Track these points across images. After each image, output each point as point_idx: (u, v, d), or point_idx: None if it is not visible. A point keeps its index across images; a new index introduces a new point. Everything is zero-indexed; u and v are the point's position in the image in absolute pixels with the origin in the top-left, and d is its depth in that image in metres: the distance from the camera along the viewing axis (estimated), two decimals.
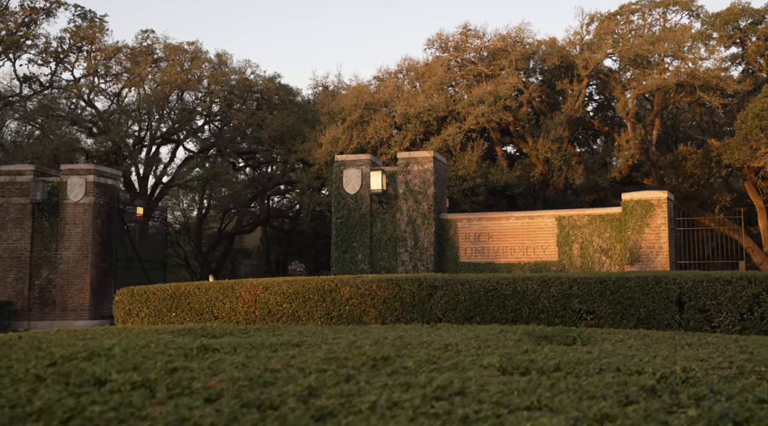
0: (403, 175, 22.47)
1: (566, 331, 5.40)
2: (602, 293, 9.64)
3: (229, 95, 34.75)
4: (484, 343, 4.42)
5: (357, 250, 22.66)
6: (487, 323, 9.62)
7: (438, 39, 33.23)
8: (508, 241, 22.16)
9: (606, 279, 9.78)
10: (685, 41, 32.08)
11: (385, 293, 10.30)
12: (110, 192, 23.86)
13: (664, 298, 9.42)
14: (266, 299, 10.74)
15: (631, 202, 20.87)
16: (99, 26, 33.81)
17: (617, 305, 9.56)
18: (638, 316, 9.49)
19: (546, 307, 9.87)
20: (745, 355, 3.91)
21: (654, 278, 9.58)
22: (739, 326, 8.84)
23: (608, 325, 9.30)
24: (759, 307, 8.89)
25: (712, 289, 9.13)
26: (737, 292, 9.00)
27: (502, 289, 10.12)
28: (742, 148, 29.58)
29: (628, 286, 9.57)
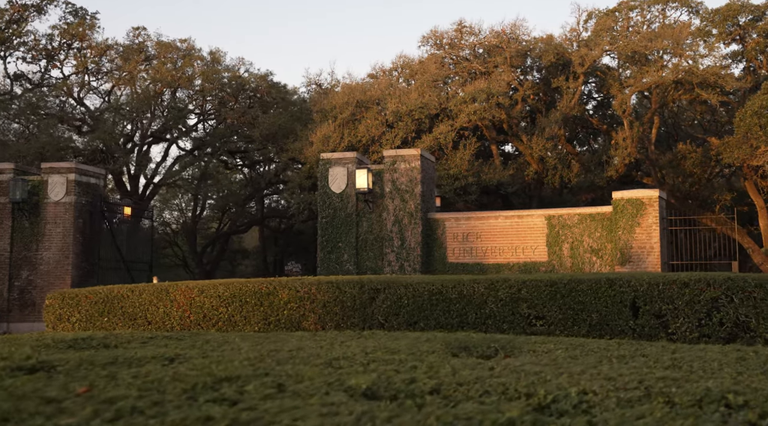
0: (390, 174, 21.97)
1: (491, 339, 4.89)
2: (552, 297, 9.05)
3: (221, 93, 34.31)
4: (386, 356, 3.94)
5: (342, 250, 22.18)
6: (431, 329, 9.04)
7: (432, 36, 32.72)
8: (497, 241, 21.65)
9: (557, 282, 9.20)
10: (684, 38, 31.50)
11: (325, 297, 9.73)
12: (93, 191, 23.42)
13: (618, 302, 8.82)
14: (201, 303, 10.15)
15: (621, 200, 20.34)
16: (89, 23, 33.41)
17: (568, 310, 8.96)
18: (590, 322, 8.90)
19: (494, 312, 9.28)
20: (669, 371, 3.44)
21: (607, 281, 8.97)
22: (696, 333, 8.25)
23: (559, 332, 8.74)
24: (718, 313, 8.30)
25: (668, 293, 8.53)
26: (695, 296, 8.40)
27: (448, 292, 9.49)
28: (741, 147, 29.00)
29: (579, 289, 8.96)
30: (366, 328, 9.29)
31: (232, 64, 36.03)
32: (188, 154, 35.93)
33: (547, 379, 3.13)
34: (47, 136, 28.82)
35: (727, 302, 8.24)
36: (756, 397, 2.79)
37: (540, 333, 8.71)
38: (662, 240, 20.04)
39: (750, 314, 8.08)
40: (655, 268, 19.77)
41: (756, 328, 8.05)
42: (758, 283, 8.20)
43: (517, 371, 3.38)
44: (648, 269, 19.81)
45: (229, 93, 34.41)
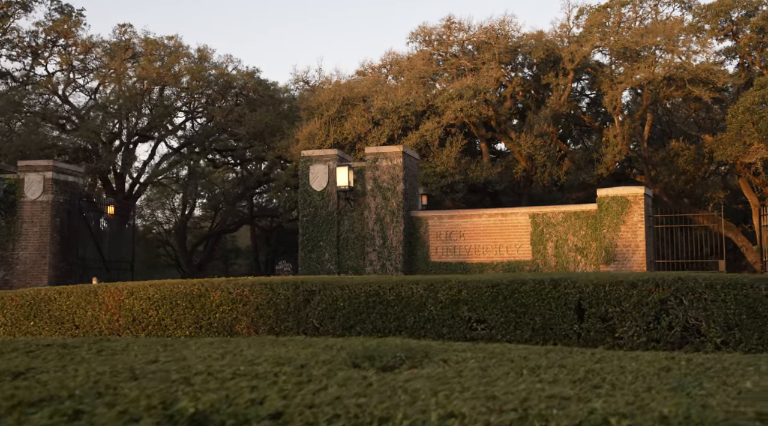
0: (372, 171, 21.56)
1: (406, 347, 4.45)
2: (494, 299, 8.52)
3: (208, 91, 33.92)
4: (270, 368, 3.52)
5: (323, 249, 21.78)
6: (367, 334, 8.53)
7: (421, 32, 32.30)
8: (481, 239, 21.25)
9: (499, 283, 8.65)
10: (676, 34, 31.06)
11: (258, 299, 9.21)
12: (71, 189, 23.04)
13: (562, 304, 8.29)
14: (131, 306, 9.62)
15: (606, 198, 19.94)
16: (75, 20, 33.00)
17: (510, 313, 8.45)
18: (533, 326, 8.39)
19: (433, 315, 8.75)
20: (570, 387, 3.04)
21: (551, 281, 8.44)
22: (644, 337, 7.75)
23: (500, 337, 8.22)
24: (667, 315, 7.74)
25: (615, 295, 8.00)
26: (643, 297, 7.88)
27: (385, 294, 8.95)
28: (734, 144, 28.59)
29: (522, 290, 8.44)
30: (300, 332, 8.80)
31: (220, 62, 35.65)
32: (175, 152, 35.55)
33: (419, 399, 2.74)
34: (29, 134, 28.42)
35: (677, 304, 7.73)
36: (644, 420, 2.40)
37: (481, 338, 8.20)
38: (648, 238, 19.64)
39: (700, 317, 7.60)
40: (641, 267, 19.37)
41: (706, 332, 7.60)
42: (709, 283, 7.70)
43: (395, 388, 2.99)
44: (633, 268, 19.41)
45: (216, 91, 34.02)
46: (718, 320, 7.53)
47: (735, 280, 7.64)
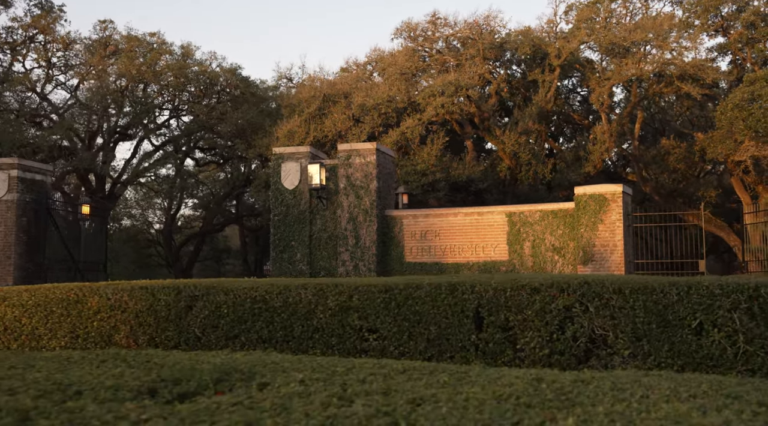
0: (344, 169, 20.95)
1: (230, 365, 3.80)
2: (387, 306, 7.71)
3: (190, 88, 33.32)
4: (31, 401, 2.93)
5: (295, 249, 21.17)
6: (252, 344, 7.79)
7: (406, 28, 31.66)
8: (457, 239, 20.63)
9: (392, 288, 7.83)
10: (666, 30, 30.41)
11: (138, 305, 8.44)
12: (39, 188, 22.46)
13: (459, 312, 7.49)
14: (3, 313, 8.88)
15: (584, 196, 19.30)
16: (54, 16, 32.40)
17: (404, 322, 7.65)
18: (428, 336, 7.58)
19: (322, 324, 7.95)
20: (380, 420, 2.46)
21: (448, 286, 7.59)
22: (547, 350, 6.93)
23: (393, 348, 7.50)
24: (572, 324, 6.93)
25: (516, 300, 7.18)
26: (546, 304, 7.06)
27: (272, 300, 8.13)
28: (725, 142, 27.97)
29: (416, 296, 7.63)
30: (182, 342, 8.05)
31: (204, 59, 35.05)
32: (157, 150, 34.95)
33: None
34: (3, 132, 27.83)
35: (582, 312, 6.93)
36: None
37: (372, 349, 7.53)
38: (626, 237, 19.01)
39: (607, 326, 6.81)
40: (619, 268, 18.76)
41: (614, 343, 6.80)
42: (617, 288, 6.87)
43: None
44: (611, 268, 18.80)
45: (199, 88, 33.43)
46: (626, 330, 6.79)
47: (644, 284, 6.87)
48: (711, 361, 6.50)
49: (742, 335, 6.37)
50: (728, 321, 6.45)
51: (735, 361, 6.40)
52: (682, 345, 6.61)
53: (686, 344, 6.59)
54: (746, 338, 6.43)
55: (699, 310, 6.61)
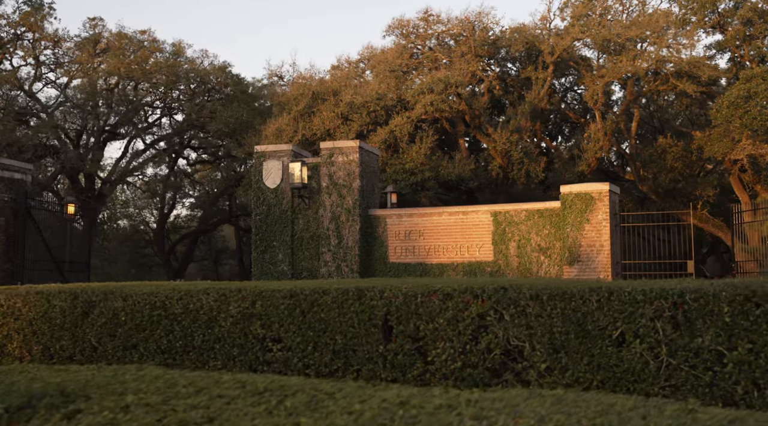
0: (327, 167, 20.52)
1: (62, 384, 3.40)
2: (291, 313, 7.08)
3: (180, 86, 32.92)
4: None
5: (277, 249, 20.75)
6: (151, 355, 7.12)
7: (398, 25, 31.21)
8: (441, 239, 20.18)
9: (297, 293, 7.18)
10: (661, 26, 29.90)
11: (33, 312, 7.84)
12: (17, 187, 22.08)
13: (367, 320, 6.86)
14: None
15: (570, 195, 18.84)
16: (42, 14, 32.01)
17: (309, 331, 7.02)
18: (334, 347, 6.97)
19: (224, 333, 7.30)
20: None
21: (356, 292, 6.97)
22: (459, 362, 6.35)
23: (297, 360, 6.92)
24: (486, 334, 6.31)
25: (427, 308, 6.56)
26: (459, 311, 6.43)
27: (172, 306, 7.50)
28: (722, 140, 27.45)
29: (323, 302, 6.98)
30: (77, 353, 7.49)
31: (195, 57, 34.66)
32: (147, 149, 34.56)
33: None
34: None
35: (497, 320, 6.31)
36: None
37: (276, 361, 6.98)
38: (613, 237, 18.54)
39: (523, 337, 6.17)
40: (605, 268, 18.28)
41: (530, 356, 6.19)
42: (534, 294, 6.24)
43: None
44: (597, 269, 18.33)
45: (189, 86, 33.03)
46: (542, 341, 6.18)
47: (563, 289, 6.28)
48: (632, 375, 5.91)
49: (666, 347, 5.82)
50: (651, 331, 5.88)
51: (657, 376, 5.83)
52: (601, 358, 6.03)
53: (606, 357, 6.01)
54: (669, 350, 5.87)
55: (620, 319, 6.02)
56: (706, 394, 5.81)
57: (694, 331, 5.76)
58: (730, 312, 5.63)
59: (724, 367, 5.76)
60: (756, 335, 5.48)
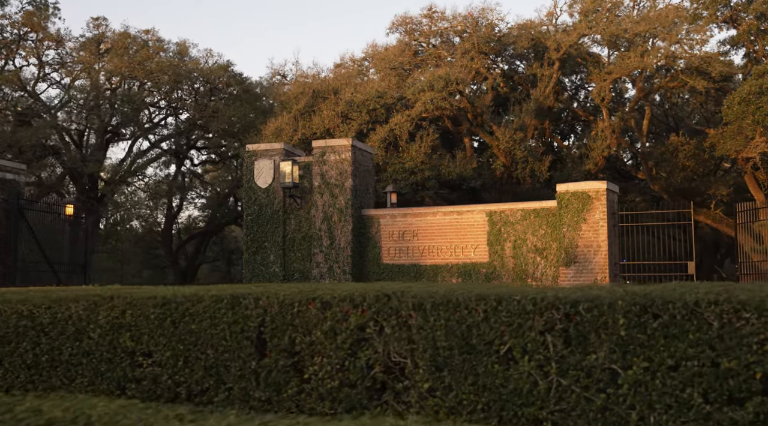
0: (319, 166, 20.06)
1: None
2: (161, 324, 6.37)
3: (183, 86, 32.62)
4: None
5: (269, 250, 20.32)
6: (16, 372, 6.52)
7: (402, 22, 30.73)
8: (436, 239, 19.65)
9: (170, 301, 6.47)
10: (671, 21, 29.16)
11: None
12: (9, 187, 21.80)
13: (239, 332, 6.17)
14: None
15: (566, 194, 18.24)
16: (45, 14, 31.82)
17: (179, 344, 6.31)
18: (206, 363, 6.27)
19: (93, 346, 6.62)
20: None
21: (231, 300, 6.25)
22: (337, 380, 5.68)
23: (167, 377, 6.21)
24: (366, 349, 5.64)
25: (305, 317, 5.86)
26: (338, 322, 5.75)
27: (40, 315, 6.81)
28: (735, 138, 26.70)
29: (195, 312, 6.26)
30: None
31: (200, 57, 34.35)
32: (151, 148, 34.30)
33: None
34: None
35: (377, 333, 5.63)
36: None
37: (146, 378, 6.35)
38: (611, 238, 17.91)
39: (405, 352, 5.49)
40: (603, 270, 17.67)
41: (412, 374, 5.50)
42: (417, 303, 5.51)
43: None
44: (595, 270, 17.72)
45: (191, 86, 32.72)
46: (424, 357, 5.48)
47: (449, 297, 5.53)
48: (519, 398, 5.15)
49: (556, 365, 5.06)
50: (540, 346, 5.15)
51: (547, 398, 5.05)
52: (487, 377, 5.28)
53: (492, 376, 5.27)
54: (560, 369, 5.10)
55: (508, 333, 5.28)
56: (599, 420, 5.09)
57: (588, 346, 5.02)
58: (625, 324, 4.91)
59: (619, 389, 5.01)
60: (653, 352, 4.76)
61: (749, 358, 4.62)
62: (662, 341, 4.76)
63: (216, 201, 39.05)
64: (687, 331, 4.68)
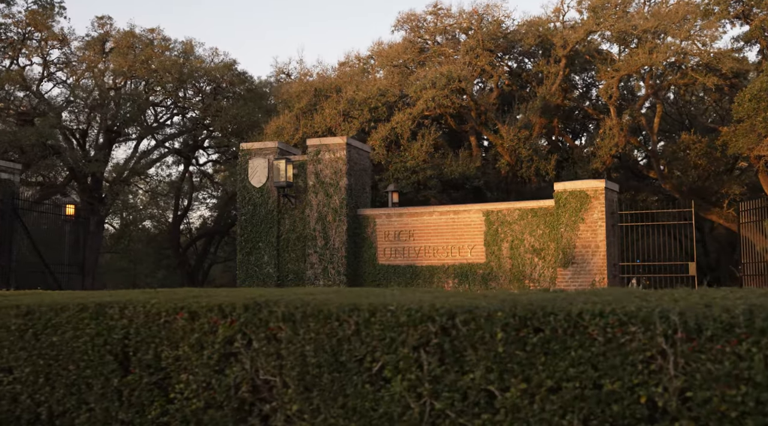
0: (314, 165, 19.70)
1: None
2: (23, 336, 5.77)
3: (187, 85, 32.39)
4: None
5: (263, 251, 19.98)
6: None
7: (407, 19, 30.29)
8: (432, 239, 19.23)
9: (32, 310, 5.84)
10: (681, 17, 28.53)
11: None
12: (4, 187, 21.64)
13: (102, 345, 5.57)
14: None
15: (564, 193, 17.78)
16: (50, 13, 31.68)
17: (39, 359, 5.68)
18: (67, 380, 5.67)
19: None
20: None
21: (96, 308, 5.62)
22: (202, 401, 5.12)
23: (26, 397, 5.60)
24: (235, 364, 5.06)
25: (172, 329, 5.29)
26: (205, 334, 5.19)
27: None
28: (748, 135, 26.06)
29: (57, 322, 5.64)
30: None
31: (205, 56, 34.11)
32: (156, 148, 34.11)
33: None
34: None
35: (245, 347, 5.06)
36: None
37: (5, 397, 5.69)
38: (609, 238, 17.42)
39: (273, 369, 4.92)
40: (601, 271, 17.19)
41: (280, 394, 4.93)
42: (288, 313, 4.92)
43: None
44: (593, 271, 17.24)
45: (195, 85, 32.49)
46: (292, 375, 4.89)
47: (320, 307, 4.91)
48: (390, 423, 4.54)
49: (429, 385, 4.44)
50: (414, 364, 4.52)
51: (420, 424, 4.46)
52: (357, 399, 4.69)
53: (362, 398, 4.67)
54: (434, 390, 4.47)
55: (380, 348, 4.65)
56: None
57: (464, 364, 4.40)
58: (504, 339, 4.28)
59: (496, 414, 4.34)
60: (532, 371, 4.14)
61: (633, 380, 4.01)
62: (542, 359, 4.17)
63: (224, 200, 38.81)
64: (569, 347, 4.06)
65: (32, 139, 26.49)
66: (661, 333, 3.85)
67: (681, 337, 3.80)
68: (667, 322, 3.84)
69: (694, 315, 3.82)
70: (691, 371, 3.83)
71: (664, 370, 3.87)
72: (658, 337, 3.86)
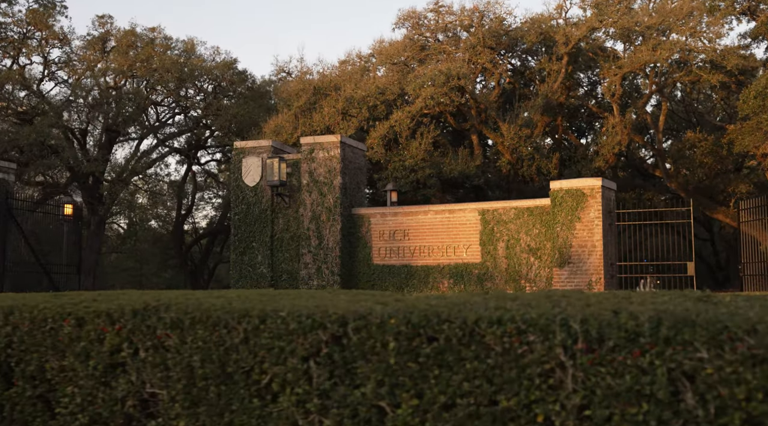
0: (308, 164, 19.44)
1: None
2: None
3: (188, 84, 32.20)
4: None
5: (256, 250, 19.74)
6: None
7: (408, 17, 30.00)
8: (427, 239, 18.94)
9: None
10: (686, 13, 28.13)
11: None
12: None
13: None
14: None
15: (560, 191, 17.45)
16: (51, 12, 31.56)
17: None
18: None
19: None
20: None
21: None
22: (87, 417, 4.72)
23: None
24: (122, 376, 4.69)
25: (58, 337, 4.93)
26: (92, 343, 4.82)
27: None
28: (754, 133, 25.67)
29: None
30: None
31: (207, 55, 33.91)
32: (156, 147, 33.95)
33: None
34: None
35: (132, 357, 4.68)
36: None
37: None
38: (606, 237, 17.08)
39: (161, 382, 4.52)
40: (598, 270, 16.86)
41: (168, 410, 4.50)
42: (176, 319, 4.52)
43: None
44: (589, 271, 16.90)
45: (196, 84, 32.30)
46: (178, 387, 4.48)
47: (209, 313, 4.49)
48: None
49: (318, 400, 4.01)
50: (302, 377, 4.09)
51: None
52: (243, 415, 4.28)
53: (248, 414, 4.26)
54: (322, 406, 4.01)
55: (269, 359, 4.22)
56: None
57: (355, 378, 3.97)
58: (396, 349, 3.82)
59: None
60: (425, 385, 3.71)
61: (530, 396, 3.53)
62: (436, 372, 3.72)
63: (228, 200, 38.63)
64: (464, 359, 3.61)
65: (30, 139, 26.34)
66: (560, 343, 3.43)
67: (581, 347, 3.38)
68: (568, 331, 3.43)
69: (597, 323, 3.38)
70: (591, 386, 3.37)
71: (563, 386, 3.44)
72: (556, 348, 3.44)
